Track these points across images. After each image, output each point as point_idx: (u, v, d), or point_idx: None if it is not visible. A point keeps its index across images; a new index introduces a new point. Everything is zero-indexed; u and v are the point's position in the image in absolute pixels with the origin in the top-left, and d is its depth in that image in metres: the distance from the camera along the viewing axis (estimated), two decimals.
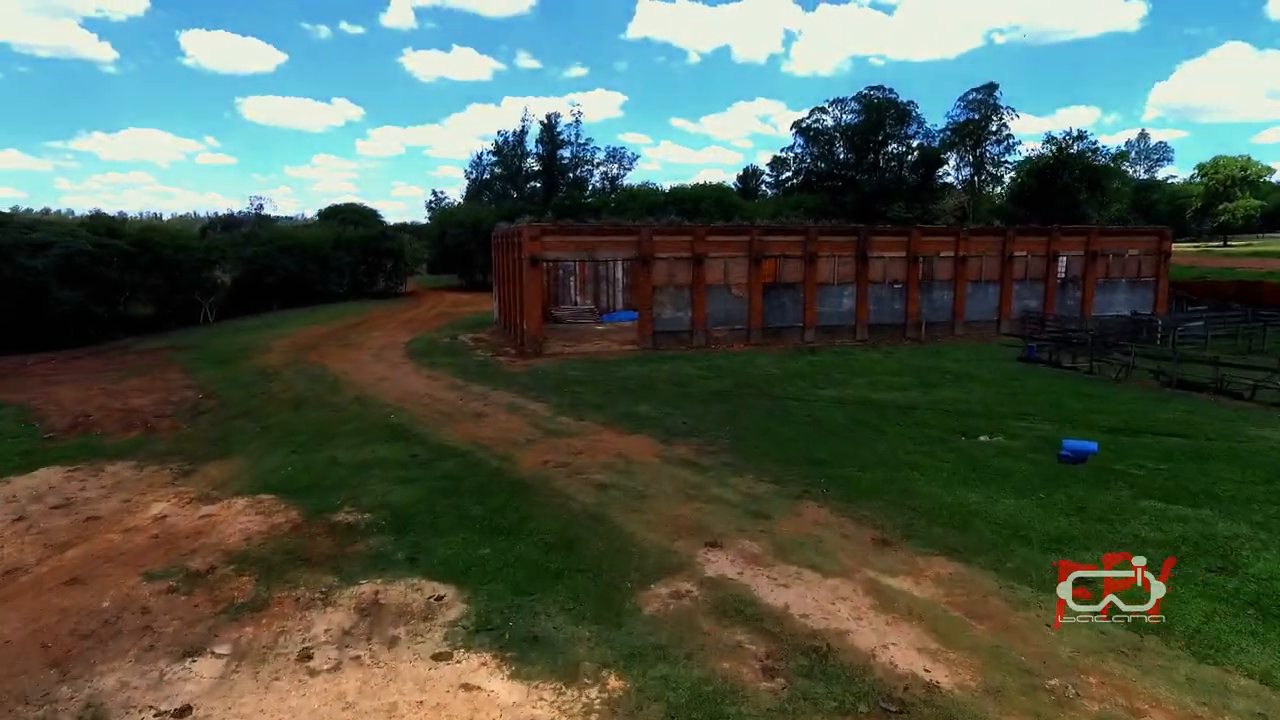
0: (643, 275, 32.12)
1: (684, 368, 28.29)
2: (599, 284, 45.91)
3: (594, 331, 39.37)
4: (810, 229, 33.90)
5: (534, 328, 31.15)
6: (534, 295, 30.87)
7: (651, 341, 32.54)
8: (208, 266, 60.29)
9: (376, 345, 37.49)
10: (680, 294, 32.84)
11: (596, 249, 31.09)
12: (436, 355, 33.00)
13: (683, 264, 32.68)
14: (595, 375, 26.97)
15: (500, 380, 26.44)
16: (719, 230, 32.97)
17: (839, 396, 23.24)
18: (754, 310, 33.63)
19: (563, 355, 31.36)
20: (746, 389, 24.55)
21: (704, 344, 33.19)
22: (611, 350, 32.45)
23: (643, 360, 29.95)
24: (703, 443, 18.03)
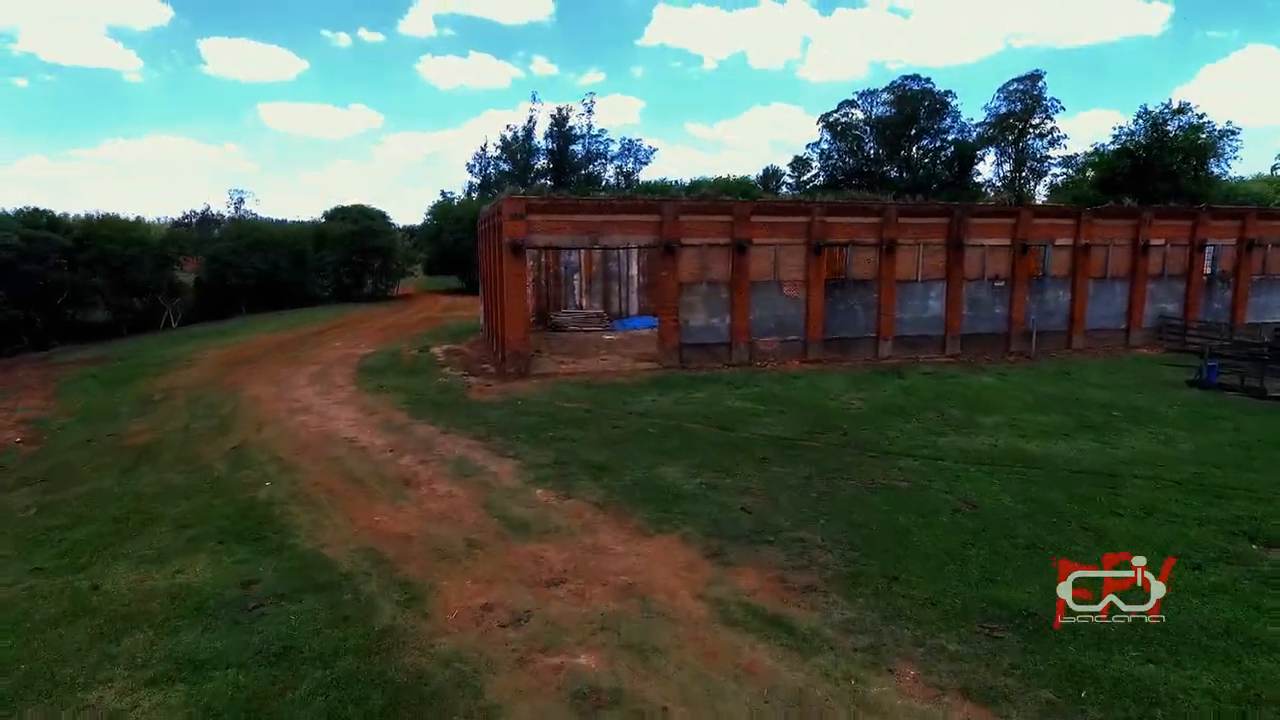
0: (666, 268, 23.82)
1: (725, 397, 19.95)
2: (608, 282, 37.74)
3: (601, 342, 31.06)
4: (889, 207, 25.52)
5: (516, 338, 22.95)
6: (516, 295, 22.71)
7: (677, 357, 24.21)
8: (167, 265, 52.61)
9: (327, 359, 29.55)
10: (715, 293, 24.52)
11: (604, 232, 22.98)
12: (392, 375, 24.90)
13: (719, 253, 24.37)
14: (599, 408, 18.71)
15: (461, 416, 18.25)
16: (768, 208, 24.66)
17: (978, 451, 14.79)
18: (813, 315, 25.23)
19: (556, 376, 23.12)
20: (825, 435, 16.16)
21: (746, 360, 24.83)
22: (623, 369, 24.16)
23: (665, 384, 21.63)
24: (788, 560, 9.72)
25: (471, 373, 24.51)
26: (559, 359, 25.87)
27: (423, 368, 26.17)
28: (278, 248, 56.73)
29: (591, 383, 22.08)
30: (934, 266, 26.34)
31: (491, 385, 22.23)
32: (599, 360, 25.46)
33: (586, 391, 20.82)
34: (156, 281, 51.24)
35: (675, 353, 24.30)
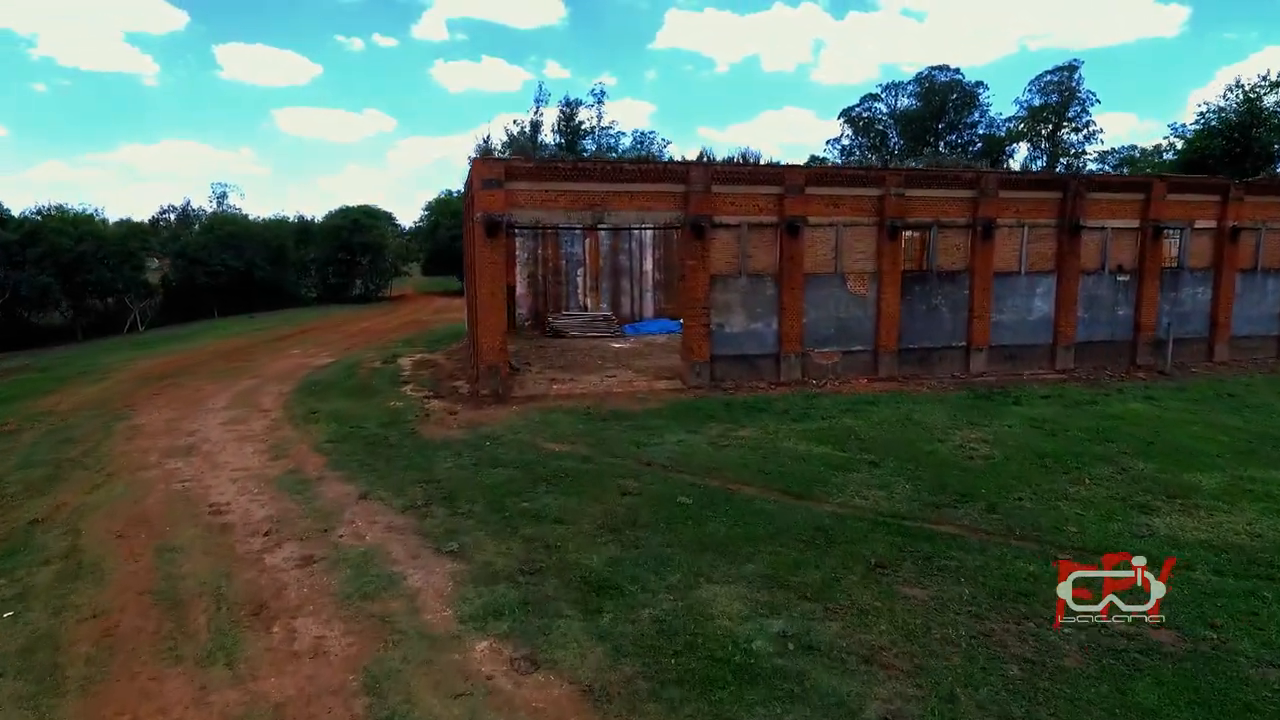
0: (694, 255, 17.86)
1: (782, 435, 13.93)
2: (618, 279, 31.85)
3: (608, 352, 25.15)
4: (986, 176, 19.43)
5: (491, 348, 17.04)
6: (491, 290, 16.80)
7: (707, 374, 18.24)
8: (127, 262, 47.12)
9: (271, 372, 23.88)
10: (759, 289, 18.53)
11: (611, 206, 17.10)
12: (336, 395, 19.08)
13: (764, 235, 18.41)
14: (601, 453, 12.80)
15: (398, 466, 12.38)
16: (829, 176, 18.57)
17: (1243, 547, 8.68)
18: (886, 318, 19.19)
19: (547, 399, 17.21)
20: (960, 509, 10.10)
21: (799, 377, 18.83)
22: (636, 390, 18.20)
23: (694, 413, 15.68)
24: None
25: (437, 393, 18.63)
26: (553, 375, 19.94)
27: (379, 385, 20.29)
28: (252, 242, 51.26)
29: (594, 410, 16.13)
30: (1042, 255, 20.22)
31: (457, 413, 16.33)
32: (604, 377, 19.51)
33: (585, 424, 14.89)
34: (114, 280, 45.73)
35: (705, 368, 18.31)
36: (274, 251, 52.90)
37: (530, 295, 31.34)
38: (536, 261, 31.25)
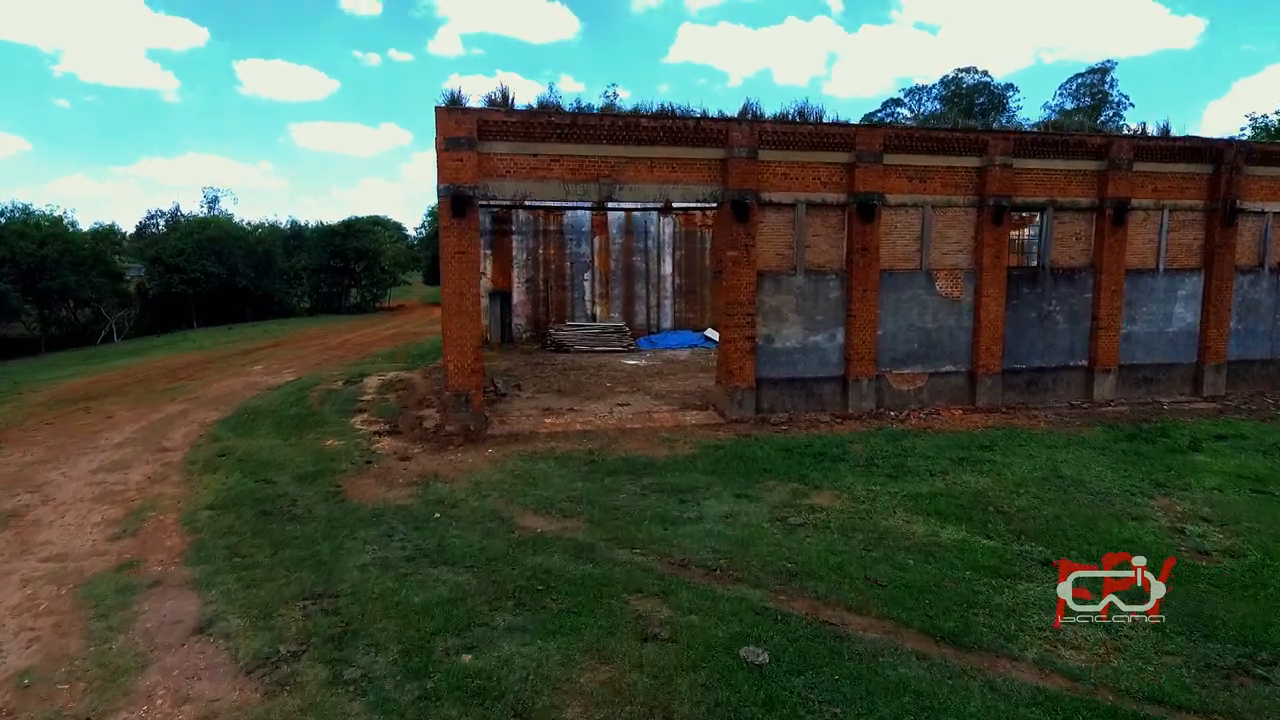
0: (735, 243, 13.30)
1: (881, 505, 9.22)
2: (632, 283, 27.33)
3: (619, 373, 20.63)
4: (1118, 141, 14.71)
5: (460, 370, 12.49)
6: (458, 289, 12.25)
7: (751, 402, 13.61)
8: (95, 268, 43.16)
9: (211, 394, 19.62)
10: (819, 290, 13.91)
11: (623, 176, 12.61)
12: (266, 428, 14.62)
13: (827, 218, 13.83)
14: (602, 541, 8.20)
15: (284, 566, 7.82)
16: (914, 140, 13.79)
17: None
18: (986, 329, 14.50)
19: (535, 439, 12.63)
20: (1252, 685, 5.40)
21: (872, 407, 14.16)
22: (656, 426, 13.61)
23: (738, 464, 11.08)
24: None
25: (394, 427, 14.10)
26: (548, 402, 15.36)
27: (326, 415, 15.79)
28: (235, 247, 47.21)
29: (599, 456, 11.54)
30: (1185, 247, 15.49)
31: (412, 459, 11.79)
32: (615, 406, 14.91)
33: (586, 481, 10.28)
34: (81, 288, 41.77)
35: (748, 396, 13.67)
36: (260, 258, 48.86)
37: (529, 302, 26.88)
38: (536, 263, 26.80)
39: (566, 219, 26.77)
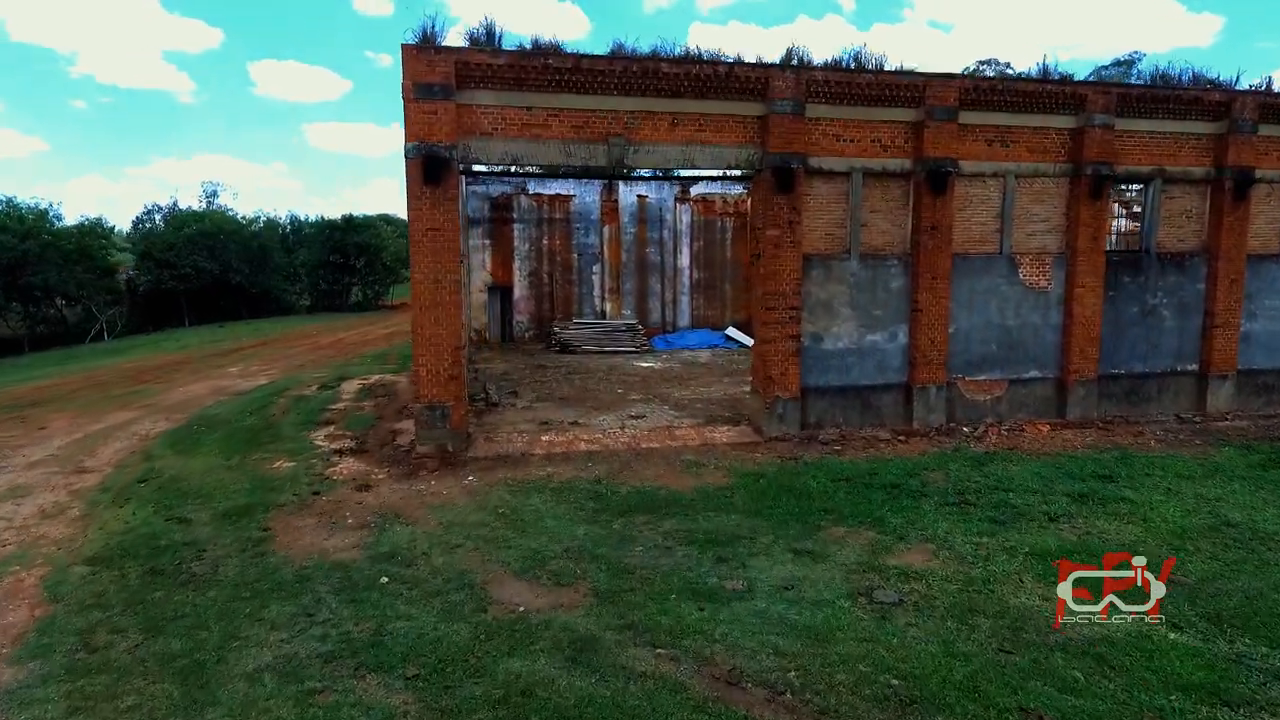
0: (777, 219, 10.77)
1: (999, 568, 6.66)
2: (645, 276, 24.81)
3: (632, 377, 18.14)
4: (1241, 99, 12.00)
5: (434, 377, 10.00)
6: (431, 276, 9.78)
7: (796, 416, 11.08)
8: (82, 264, 41.11)
9: (169, 401, 17.49)
10: (878, 278, 11.35)
11: (637, 136, 10.15)
12: (207, 447, 12.27)
13: (888, 191, 11.27)
14: (611, 623, 5.74)
15: (143, 673, 5.32)
16: (997, 94, 11.18)
17: None
18: (1080, 327, 11.89)
19: (528, 463, 10.15)
20: None
21: (942, 422, 11.58)
22: (678, 446, 11.09)
23: (788, 501, 8.59)
24: None
25: (361, 444, 11.66)
26: (547, 413, 12.85)
27: (285, 428, 13.37)
28: (229, 242, 45.02)
29: (607, 486, 9.05)
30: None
31: (372, 488, 9.33)
32: (627, 419, 12.37)
33: (590, 526, 7.78)
34: (64, 284, 39.75)
35: (792, 408, 11.10)
36: (255, 254, 46.68)
37: (532, 298, 24.42)
38: (540, 255, 24.32)
39: (573, 206, 24.29)
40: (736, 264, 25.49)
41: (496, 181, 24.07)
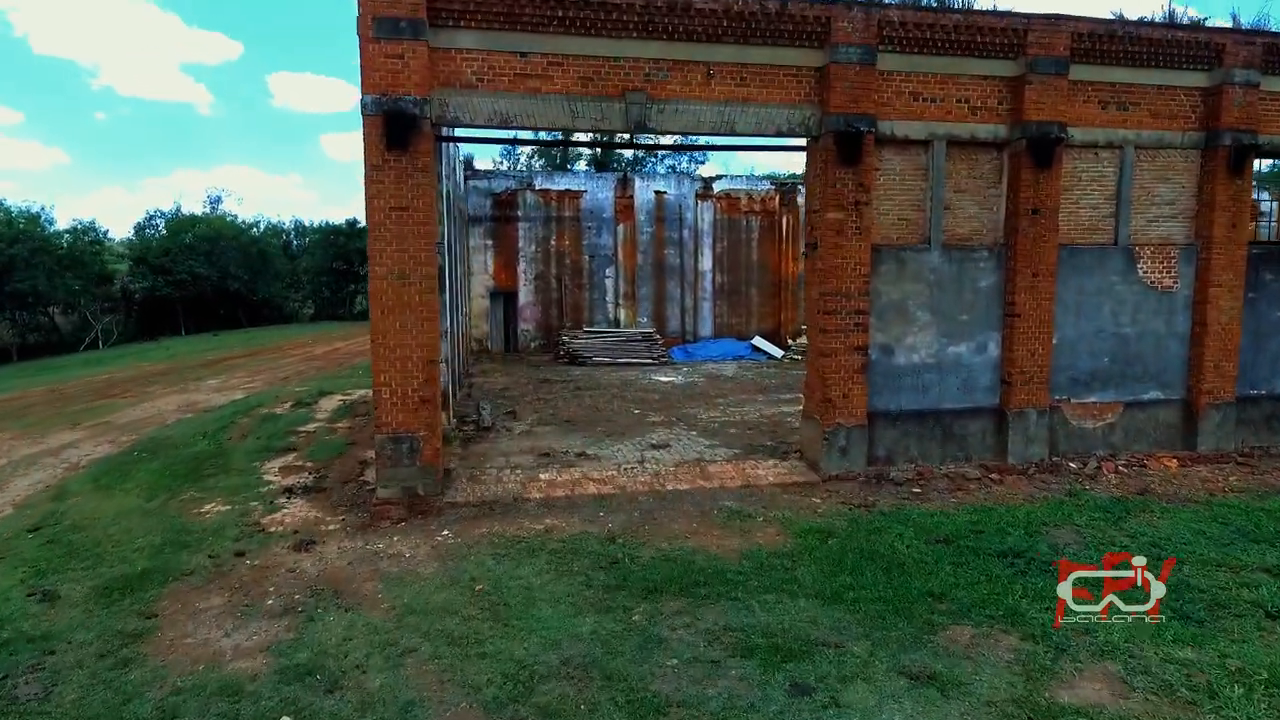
0: (838, 199, 8.52)
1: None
2: (663, 280, 22.57)
3: (650, 393, 15.89)
4: None
5: (399, 402, 7.72)
6: (396, 270, 7.54)
7: (861, 448, 8.73)
8: (73, 270, 39.41)
9: (126, 420, 15.63)
10: (963, 274, 9.02)
11: (661, 91, 8.00)
12: (135, 483, 10.09)
13: (976, 165, 8.95)
14: None
15: None
16: (1118, 44, 9.01)
17: None
18: (1215, 336, 9.50)
19: (520, 512, 7.87)
20: None
21: (1043, 455, 9.18)
22: (713, 487, 8.75)
23: (869, 576, 6.34)
24: None
25: (321, 479, 9.46)
26: (550, 442, 10.55)
27: (238, 456, 11.19)
28: (228, 247, 43.24)
29: (623, 547, 6.76)
30: None
31: (315, 546, 7.08)
32: (646, 450, 10.05)
33: (596, 613, 5.47)
34: (54, 290, 38.08)
35: (856, 438, 8.75)
36: (255, 260, 44.87)
37: (538, 304, 22.22)
38: (548, 256, 22.13)
39: (584, 203, 22.12)
40: (763, 267, 23.21)
41: (500, 176, 21.93)
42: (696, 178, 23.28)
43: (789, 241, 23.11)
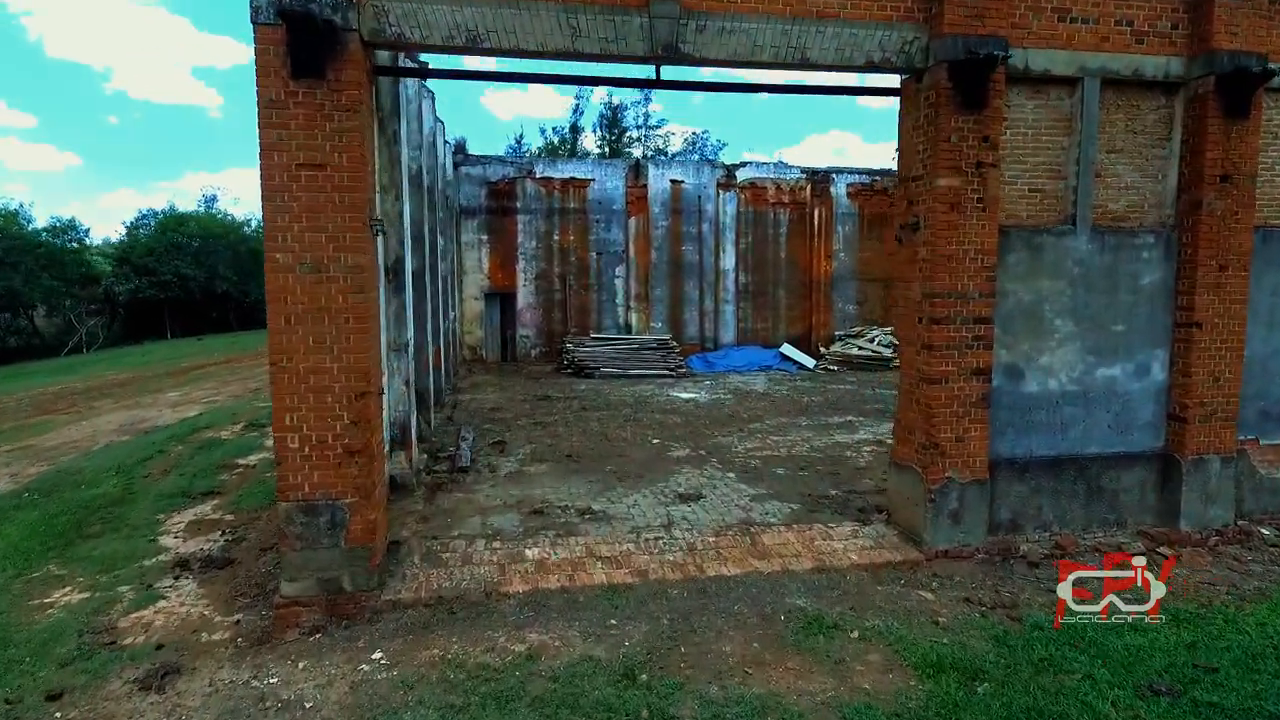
0: (952, 158, 6.19)
1: None
2: (679, 280, 20.03)
3: (669, 414, 13.35)
4: None
5: (302, 457, 5.16)
6: (315, 263, 5.12)
7: (980, 510, 6.22)
8: (51, 270, 37.30)
9: (60, 441, 13.51)
10: (1115, 268, 6.53)
11: (700, 2, 5.51)
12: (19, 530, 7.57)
13: (1135, 110, 6.46)
14: None
15: None
16: None
17: None
18: None
19: (489, 616, 5.45)
20: None
21: (1228, 519, 6.55)
22: (769, 573, 6.27)
23: None
24: None
25: (231, 547, 6.98)
26: (542, 491, 8.00)
27: (145, 506, 8.72)
28: (217, 246, 40.98)
29: (645, 683, 4.20)
30: None
31: (175, 678, 4.54)
32: (670, 505, 7.49)
33: None
34: (29, 292, 35.98)
35: (973, 497, 6.18)
36: (245, 260, 42.61)
37: (539, 307, 19.71)
38: (550, 253, 19.63)
39: (591, 193, 19.62)
40: (792, 265, 20.65)
41: (496, 162, 19.45)
42: (718, 165, 20.73)
43: (821, 237, 20.53)
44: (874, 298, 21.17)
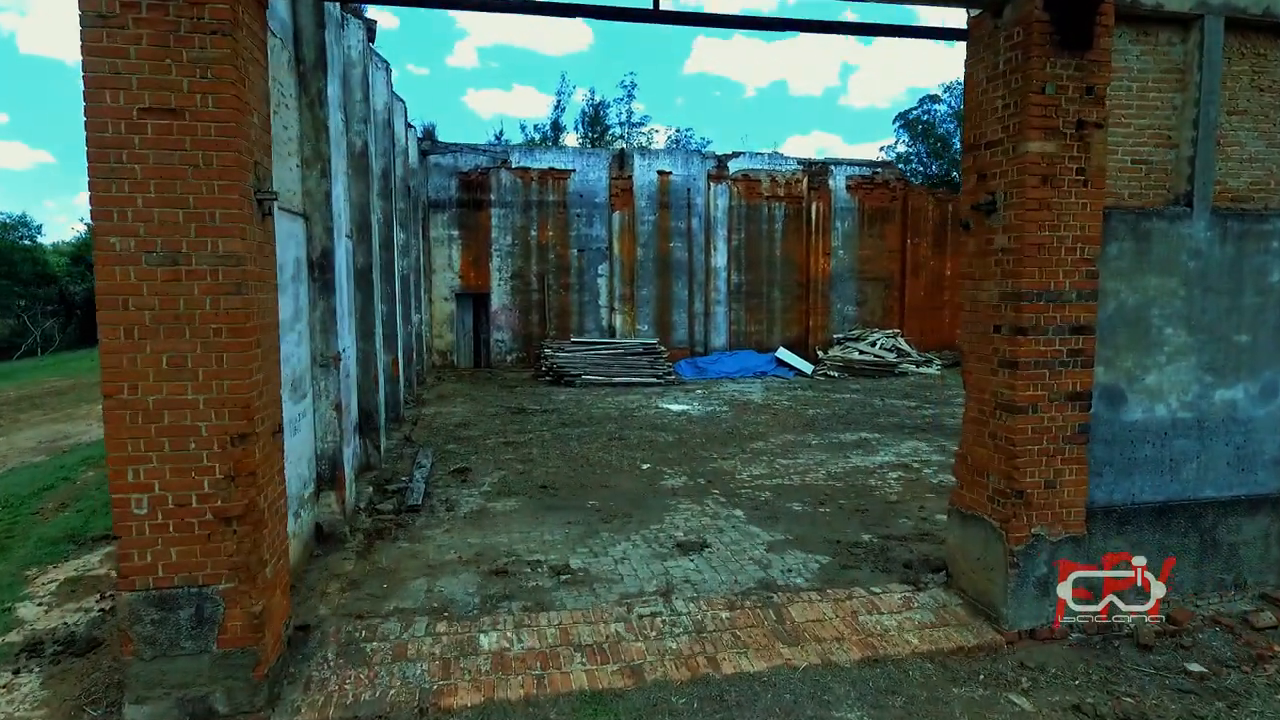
0: (1045, 117, 4.82)
1: None
2: (666, 280, 18.56)
3: (659, 430, 11.82)
4: None
5: (163, 514, 3.61)
6: (170, 256, 3.66)
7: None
8: (1, 269, 35.20)
9: None
10: (1240, 262, 5.26)
11: None
12: None
13: (1266, 62, 5.02)
14: None
15: None
16: None
17: None
18: None
19: None
20: None
21: None
22: (803, 670, 4.97)
23: None
24: None
25: (100, 621, 5.33)
26: (502, 544, 6.45)
27: (18, 555, 7.05)
28: None
29: None
30: None
31: None
32: (669, 559, 5.97)
33: None
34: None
35: (1067, 555, 4.74)
36: None
37: (515, 308, 18.14)
38: (527, 250, 18.06)
39: (572, 184, 18.10)
40: (788, 264, 19.26)
41: (467, 151, 17.86)
42: (709, 155, 19.27)
43: (819, 233, 19.14)
44: (874, 298, 19.83)
